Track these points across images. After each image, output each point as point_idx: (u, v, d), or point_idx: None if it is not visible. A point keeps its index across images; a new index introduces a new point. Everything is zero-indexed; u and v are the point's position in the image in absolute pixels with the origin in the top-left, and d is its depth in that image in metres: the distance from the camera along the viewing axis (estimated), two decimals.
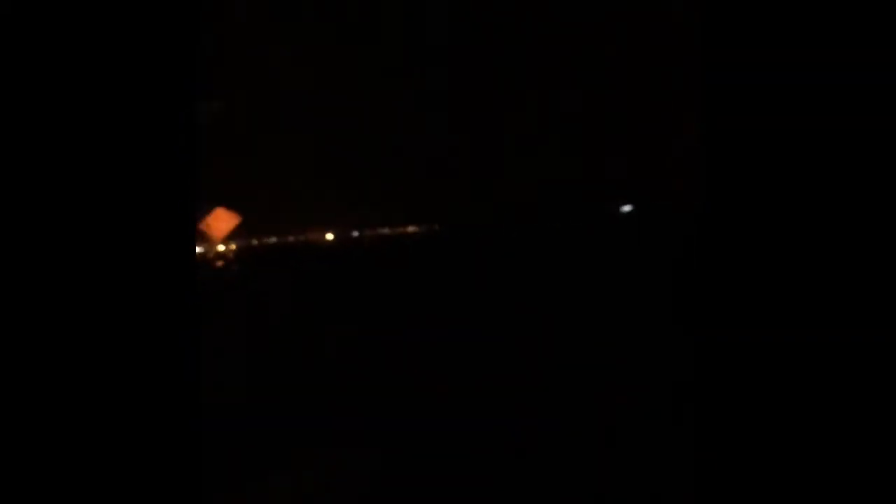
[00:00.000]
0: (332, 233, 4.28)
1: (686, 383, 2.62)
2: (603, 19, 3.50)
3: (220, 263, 4.14)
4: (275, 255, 4.43)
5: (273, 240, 4.26)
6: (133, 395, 2.42)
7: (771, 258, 2.46)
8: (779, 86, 2.45)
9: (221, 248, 4.18)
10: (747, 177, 2.48)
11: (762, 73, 2.46)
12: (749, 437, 2.45)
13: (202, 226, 4.06)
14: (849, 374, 2.40)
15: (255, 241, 4.23)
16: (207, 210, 4.11)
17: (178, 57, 2.46)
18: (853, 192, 2.41)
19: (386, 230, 4.31)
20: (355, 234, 4.35)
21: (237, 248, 4.19)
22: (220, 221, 4.08)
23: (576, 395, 3.71)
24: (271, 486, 3.41)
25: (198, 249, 4.26)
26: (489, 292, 4.20)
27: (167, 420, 2.44)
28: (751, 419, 2.45)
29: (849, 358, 2.40)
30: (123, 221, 2.43)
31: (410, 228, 4.28)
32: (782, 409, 2.44)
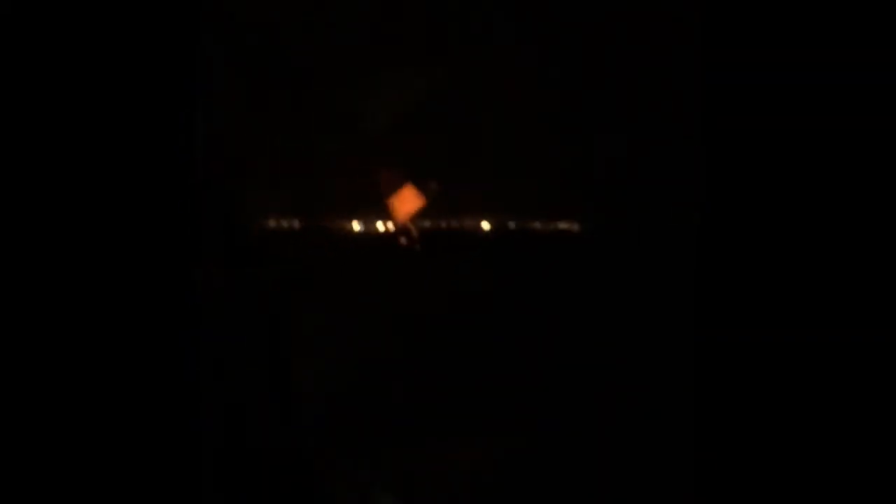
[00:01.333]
0: (489, 222, 4.15)
1: (686, 383, 2.61)
2: (603, 19, 3.49)
3: (403, 241, 4.08)
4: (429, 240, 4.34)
5: (426, 224, 4.14)
6: (132, 395, 2.42)
7: (771, 258, 2.46)
8: (779, 86, 2.45)
9: (405, 225, 4.08)
10: (747, 177, 2.47)
11: (762, 73, 2.45)
12: (750, 438, 2.45)
13: (388, 205, 4.01)
14: (849, 374, 2.40)
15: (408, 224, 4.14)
16: (395, 189, 4.04)
17: (177, 57, 2.46)
18: (853, 192, 2.41)
19: (537, 224, 4.16)
20: (511, 225, 4.21)
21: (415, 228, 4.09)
22: (405, 203, 4.01)
23: (581, 394, 3.72)
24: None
25: (383, 227, 4.19)
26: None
27: (166, 419, 2.44)
28: (752, 420, 2.45)
29: (849, 358, 2.40)
30: (122, 221, 2.43)
31: (562, 224, 4.15)
32: (783, 410, 2.44)
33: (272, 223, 4.25)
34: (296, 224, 4.30)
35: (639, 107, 3.52)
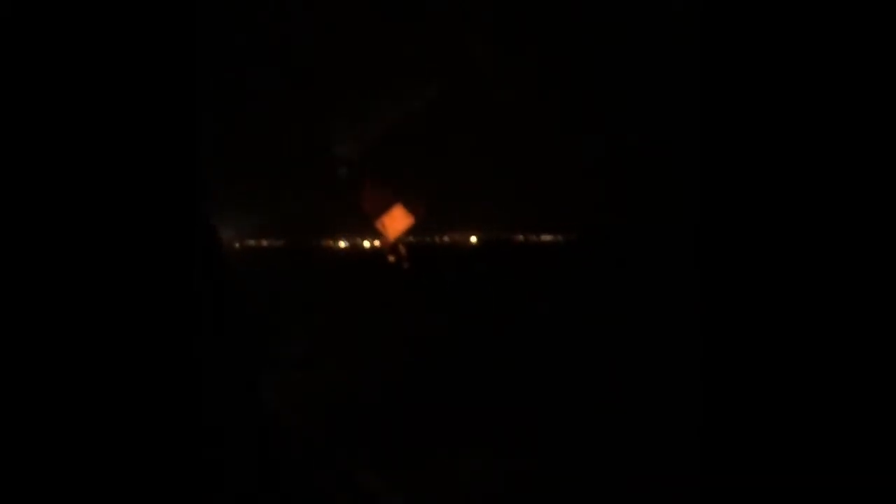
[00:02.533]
0: (477, 236, 4.19)
1: (692, 383, 2.61)
2: (603, 19, 3.49)
3: (391, 259, 4.13)
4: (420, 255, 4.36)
5: (411, 239, 4.18)
6: (131, 394, 2.42)
7: (772, 258, 2.46)
8: (779, 85, 2.45)
9: (394, 243, 4.13)
10: (746, 178, 2.47)
11: (762, 72, 2.45)
12: (754, 439, 2.45)
13: (378, 224, 4.07)
14: (853, 372, 2.39)
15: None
16: (386, 208, 4.09)
17: (176, 60, 2.46)
18: (853, 192, 2.41)
19: (520, 237, 4.19)
20: (500, 237, 4.25)
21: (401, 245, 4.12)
22: (396, 221, 4.08)
23: (576, 404, 3.73)
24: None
25: (374, 244, 4.24)
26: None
27: (165, 419, 2.44)
28: (755, 422, 2.45)
29: (850, 355, 2.40)
30: (122, 222, 2.43)
31: (545, 237, 4.17)
32: (786, 412, 2.43)
33: (258, 242, 4.27)
34: (281, 243, 4.33)
35: (632, 115, 3.53)
